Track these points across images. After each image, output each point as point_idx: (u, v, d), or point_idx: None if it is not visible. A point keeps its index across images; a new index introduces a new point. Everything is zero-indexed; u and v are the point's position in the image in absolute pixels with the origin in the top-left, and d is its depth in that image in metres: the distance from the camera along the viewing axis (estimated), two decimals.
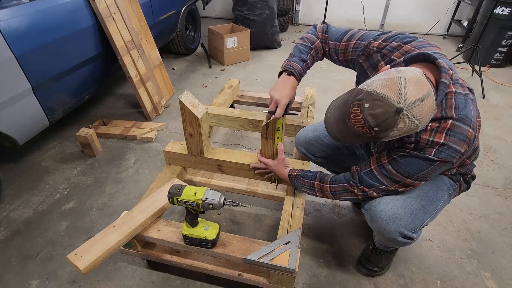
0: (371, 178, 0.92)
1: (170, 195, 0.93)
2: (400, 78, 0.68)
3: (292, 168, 1.15)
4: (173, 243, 1.04)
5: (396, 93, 0.66)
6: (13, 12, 1.36)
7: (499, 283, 1.21)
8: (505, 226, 1.45)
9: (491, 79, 2.90)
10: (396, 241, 0.94)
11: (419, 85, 0.68)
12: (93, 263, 0.90)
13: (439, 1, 3.89)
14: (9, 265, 1.25)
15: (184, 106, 1.14)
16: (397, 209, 0.91)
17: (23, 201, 1.55)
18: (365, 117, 0.69)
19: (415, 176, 0.84)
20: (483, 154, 1.92)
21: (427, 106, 0.68)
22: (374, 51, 0.94)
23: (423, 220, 0.94)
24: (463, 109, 0.77)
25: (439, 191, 0.97)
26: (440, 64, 0.77)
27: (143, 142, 1.99)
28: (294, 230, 1.07)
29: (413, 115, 0.67)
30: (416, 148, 0.80)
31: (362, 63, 0.99)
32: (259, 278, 1.05)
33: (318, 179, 1.06)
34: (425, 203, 0.94)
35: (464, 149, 0.78)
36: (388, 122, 0.68)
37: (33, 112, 1.53)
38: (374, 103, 0.68)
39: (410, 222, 0.91)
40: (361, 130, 0.71)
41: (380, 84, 0.69)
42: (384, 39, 0.93)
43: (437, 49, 0.87)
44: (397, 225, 0.91)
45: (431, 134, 0.78)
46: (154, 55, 2.38)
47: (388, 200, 0.92)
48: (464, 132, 0.77)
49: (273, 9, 3.31)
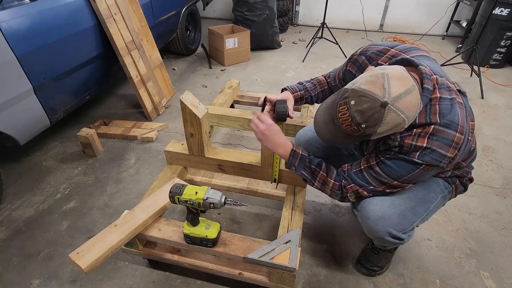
0: (360, 178, 0.92)
1: (171, 195, 0.93)
2: (383, 74, 0.70)
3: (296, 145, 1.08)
4: (174, 242, 1.05)
5: (380, 88, 0.68)
6: (15, 13, 1.36)
7: (497, 282, 1.21)
8: (504, 226, 1.45)
9: (490, 80, 2.91)
10: (386, 241, 0.95)
11: (402, 80, 0.69)
12: (94, 262, 0.91)
13: (438, 2, 3.90)
14: (11, 264, 1.26)
15: (185, 106, 1.15)
16: (385, 210, 0.92)
17: (24, 200, 1.56)
18: (352, 114, 0.71)
19: (402, 178, 0.85)
20: (482, 154, 1.93)
21: (412, 100, 0.69)
22: (358, 54, 0.98)
23: (413, 221, 0.95)
24: (448, 114, 0.77)
25: (430, 193, 0.97)
26: (422, 70, 0.78)
27: (144, 142, 2.00)
28: (294, 229, 1.07)
29: (399, 109, 0.68)
30: (401, 152, 0.81)
31: (350, 69, 1.01)
32: (260, 277, 1.06)
33: (324, 169, 0.99)
34: (414, 205, 0.94)
35: (451, 154, 0.78)
36: (375, 117, 0.69)
37: (34, 112, 1.54)
38: (359, 99, 0.70)
39: (398, 222, 0.92)
40: (350, 128, 0.73)
41: (365, 81, 0.71)
42: (368, 44, 0.98)
43: (424, 52, 0.89)
44: (385, 225, 0.92)
45: (414, 138, 0.79)
46: (155, 56, 2.39)
47: (377, 201, 0.93)
48: (449, 136, 0.76)
49: (273, 10, 3.32)
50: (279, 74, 3.00)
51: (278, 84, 2.78)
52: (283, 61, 3.30)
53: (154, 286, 1.19)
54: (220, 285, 1.19)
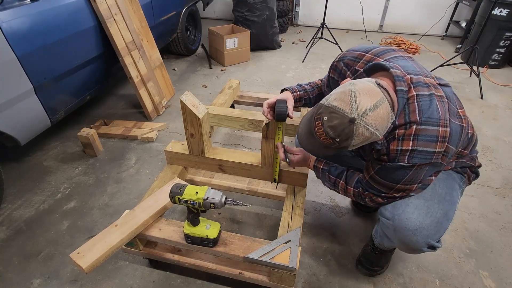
0: (370, 186, 0.94)
1: (172, 194, 0.94)
2: (351, 91, 0.72)
3: (318, 158, 1.13)
4: (175, 242, 1.05)
5: (348, 105, 0.71)
6: (15, 13, 1.37)
7: (497, 281, 1.22)
8: (503, 226, 1.46)
9: (489, 80, 2.92)
10: (421, 252, 0.94)
11: (370, 95, 0.72)
12: (95, 262, 0.91)
13: (437, 2, 3.91)
14: (11, 264, 1.26)
15: (185, 107, 1.15)
16: (423, 219, 0.90)
17: (25, 200, 1.56)
18: (325, 130, 0.74)
19: (402, 181, 0.86)
20: (482, 154, 1.93)
21: (380, 114, 0.71)
22: (337, 61, 1.00)
23: (446, 227, 0.93)
24: (427, 110, 0.78)
25: (453, 192, 0.97)
26: (393, 74, 0.80)
27: (144, 142, 2.00)
28: (295, 229, 1.08)
29: (367, 123, 0.70)
30: (389, 159, 0.83)
31: (333, 76, 1.04)
32: (260, 276, 1.06)
33: (344, 178, 1.04)
34: (447, 209, 0.93)
35: (440, 148, 0.79)
36: (346, 132, 0.72)
37: (35, 112, 1.54)
38: (331, 115, 0.73)
39: (436, 231, 0.90)
40: (326, 141, 0.76)
41: (335, 97, 0.74)
42: (346, 50, 0.99)
43: (400, 53, 0.90)
44: (424, 236, 0.89)
45: (399, 143, 0.80)
46: (155, 56, 2.39)
47: (412, 209, 0.91)
48: (432, 132, 0.78)
49: (273, 10, 3.33)
50: (279, 74, 3.00)
51: (278, 84, 2.79)
52: (283, 61, 3.30)
53: (154, 286, 1.19)
54: (220, 285, 1.19)
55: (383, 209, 1.00)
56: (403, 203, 0.94)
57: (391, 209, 0.96)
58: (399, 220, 0.92)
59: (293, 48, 3.67)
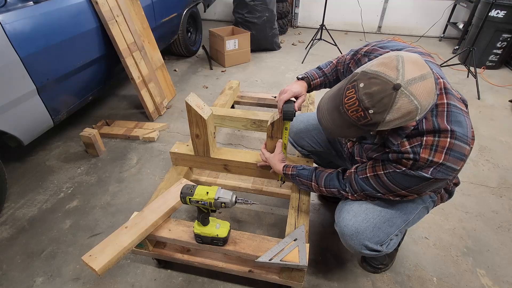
0: (367, 184, 0.90)
1: (182, 195, 0.94)
2: (397, 56, 0.65)
3: (286, 164, 1.14)
4: (185, 242, 1.05)
5: (393, 70, 0.62)
6: (18, 14, 1.38)
7: (494, 280, 1.24)
8: (500, 224, 1.48)
9: (486, 81, 2.94)
10: (363, 254, 0.97)
11: (418, 65, 0.64)
12: (107, 263, 0.91)
13: (435, 4, 3.95)
14: (14, 262, 1.28)
15: (191, 108, 1.15)
16: (359, 225, 0.93)
17: (28, 199, 1.58)
18: (359, 97, 0.64)
19: (410, 189, 0.82)
20: (479, 154, 1.96)
21: (427, 87, 0.63)
22: (362, 55, 0.95)
23: (389, 232, 0.95)
24: (460, 125, 0.74)
25: (410, 203, 0.97)
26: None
27: (146, 142, 2.02)
28: (299, 226, 1.08)
29: (412, 94, 0.62)
30: (414, 166, 0.76)
31: (352, 67, 0.99)
32: (270, 274, 1.07)
33: (314, 180, 1.06)
34: (390, 217, 0.94)
35: (460, 166, 0.76)
36: (384, 102, 0.63)
37: (37, 112, 1.55)
38: (369, 81, 0.64)
39: (373, 235, 0.93)
40: (355, 115, 0.67)
41: (377, 62, 0.66)
42: (373, 45, 0.93)
43: (428, 57, 0.85)
44: (360, 239, 0.93)
45: (431, 153, 0.74)
46: (156, 57, 2.41)
47: (350, 217, 0.95)
48: (463, 150, 0.74)
49: (273, 12, 3.35)
50: (279, 75, 3.03)
51: (278, 85, 2.81)
52: (283, 62, 3.33)
53: (156, 284, 1.20)
54: (221, 281, 1.21)
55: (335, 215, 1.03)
56: (344, 210, 0.98)
57: (337, 215, 1.01)
58: (339, 227, 0.98)
59: (292, 49, 3.70)
